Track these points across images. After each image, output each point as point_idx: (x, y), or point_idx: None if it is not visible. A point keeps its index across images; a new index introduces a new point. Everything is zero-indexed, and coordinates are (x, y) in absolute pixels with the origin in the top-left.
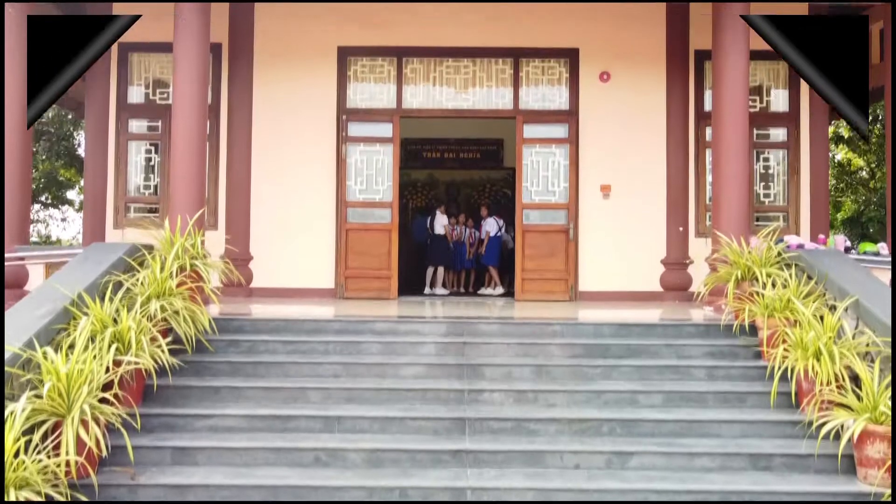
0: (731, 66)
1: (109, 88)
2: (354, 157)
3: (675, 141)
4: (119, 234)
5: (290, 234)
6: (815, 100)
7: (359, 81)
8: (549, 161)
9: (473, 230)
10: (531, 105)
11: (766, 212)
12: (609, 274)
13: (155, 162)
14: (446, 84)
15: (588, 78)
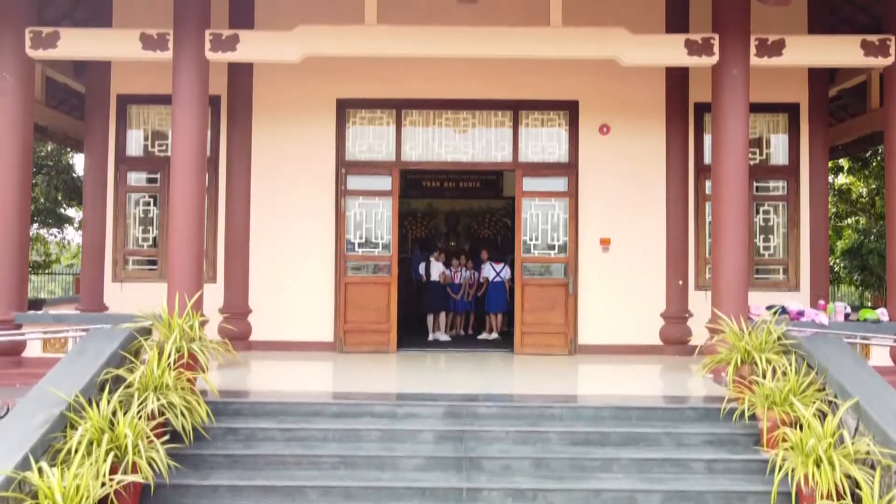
0: (731, 127)
1: (108, 140)
2: (354, 210)
3: (675, 193)
4: (118, 287)
5: (289, 287)
6: (815, 153)
7: (358, 133)
8: (549, 214)
9: (473, 272)
10: (531, 157)
11: (765, 265)
12: (609, 327)
13: (153, 214)
14: (446, 136)
15: (588, 130)
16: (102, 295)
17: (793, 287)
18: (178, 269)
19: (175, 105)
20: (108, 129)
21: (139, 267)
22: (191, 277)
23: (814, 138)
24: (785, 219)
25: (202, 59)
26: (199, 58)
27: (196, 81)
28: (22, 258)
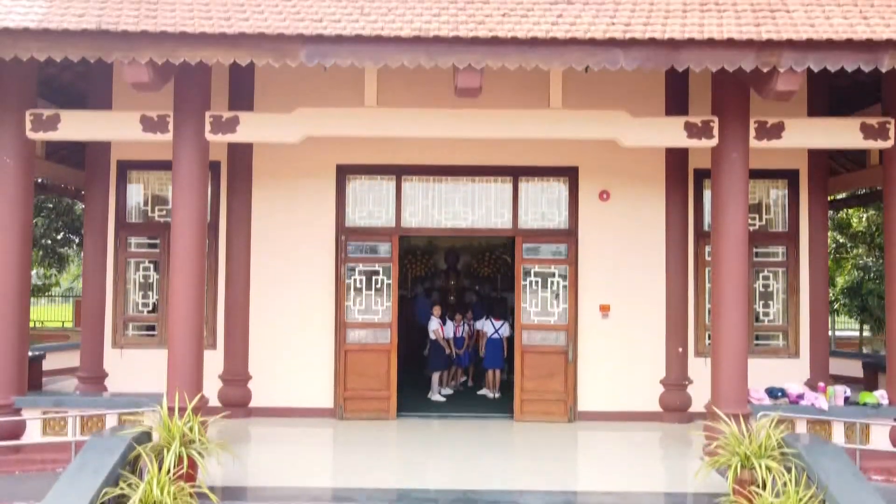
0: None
1: (108, 206)
2: (354, 277)
3: (675, 259)
4: (117, 354)
5: (289, 354)
6: (815, 219)
7: (358, 199)
8: (549, 281)
9: (473, 325)
10: (530, 224)
11: (765, 331)
12: (608, 393)
13: (153, 279)
14: (445, 203)
15: (588, 196)
16: (102, 361)
17: (792, 354)
18: (178, 338)
19: (175, 185)
20: (108, 194)
21: (139, 332)
22: (191, 346)
23: (813, 205)
24: (785, 285)
25: (202, 140)
26: (199, 139)
27: (196, 163)
28: (21, 341)
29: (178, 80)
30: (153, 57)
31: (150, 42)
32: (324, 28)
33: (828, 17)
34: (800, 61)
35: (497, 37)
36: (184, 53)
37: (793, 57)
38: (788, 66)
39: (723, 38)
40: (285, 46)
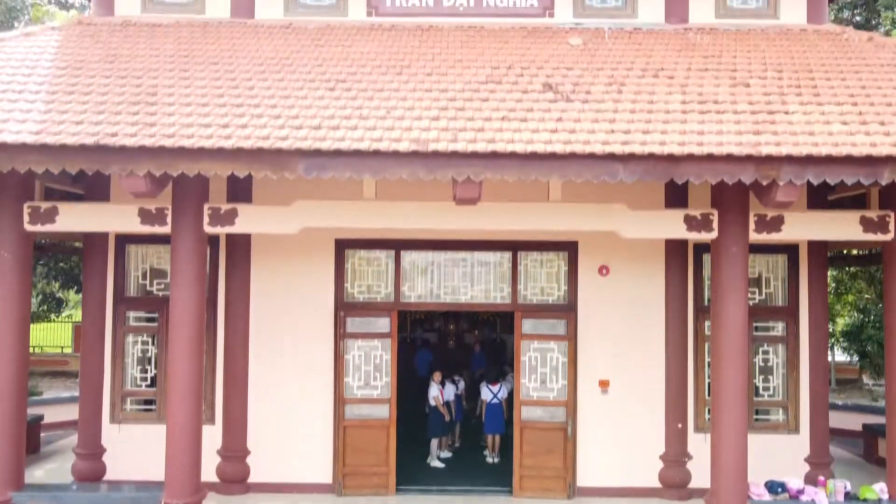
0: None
1: (107, 281)
2: (352, 353)
3: (675, 334)
4: (116, 429)
5: (288, 429)
6: (815, 294)
7: (357, 274)
8: (548, 357)
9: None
10: (529, 298)
11: (765, 406)
12: (607, 469)
13: (152, 353)
14: (444, 277)
15: (587, 271)
16: (100, 436)
17: (792, 429)
18: (176, 415)
19: (173, 277)
20: (106, 268)
21: (137, 407)
22: (189, 423)
23: (813, 280)
24: (784, 359)
25: (201, 232)
26: (197, 231)
27: (194, 254)
28: (18, 435)
29: (176, 178)
30: (151, 169)
31: (149, 156)
32: (321, 141)
33: (827, 121)
34: (799, 175)
35: (496, 151)
36: (182, 166)
37: (792, 171)
38: (788, 179)
39: (722, 153)
40: (283, 160)
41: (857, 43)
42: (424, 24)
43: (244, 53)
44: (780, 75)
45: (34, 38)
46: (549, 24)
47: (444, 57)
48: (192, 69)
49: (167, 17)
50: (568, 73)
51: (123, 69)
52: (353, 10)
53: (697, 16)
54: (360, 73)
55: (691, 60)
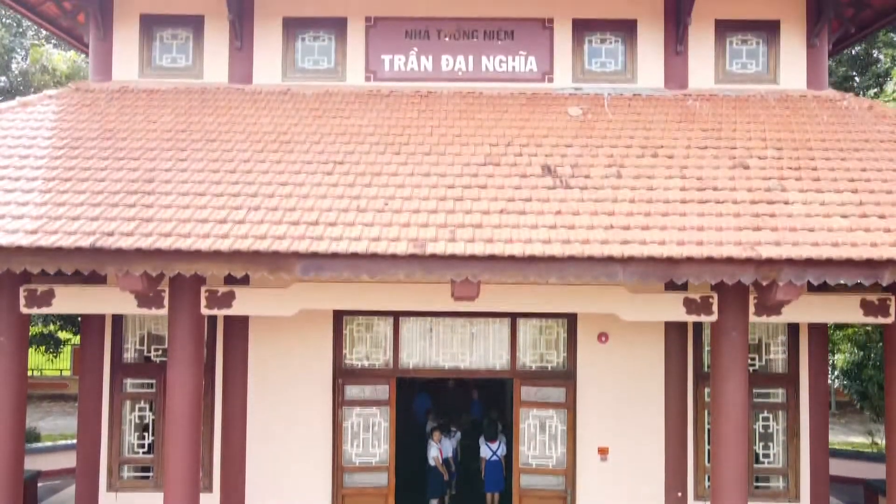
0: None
1: (104, 347)
2: (351, 420)
3: (674, 402)
4: (113, 497)
5: (286, 497)
6: (815, 362)
7: (355, 341)
8: (547, 424)
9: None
10: (528, 365)
11: (765, 473)
12: None
13: (150, 420)
14: (443, 344)
15: (586, 338)
16: None
17: (792, 497)
18: (173, 484)
19: (170, 355)
20: (103, 336)
21: (134, 474)
22: (186, 491)
23: (813, 347)
24: (784, 426)
25: (198, 315)
26: (194, 314)
27: (191, 336)
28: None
29: None
30: (147, 270)
31: (145, 258)
32: (318, 241)
33: (827, 213)
34: (799, 276)
35: (494, 255)
36: (179, 267)
37: (793, 272)
38: (788, 280)
39: (722, 256)
40: (280, 262)
41: (857, 112)
42: (423, 90)
43: (242, 128)
44: (780, 154)
45: (32, 109)
46: (548, 89)
47: (442, 131)
48: (189, 148)
49: (165, 81)
50: (567, 152)
51: (121, 148)
52: (350, 74)
53: (697, 80)
54: (358, 151)
55: (690, 134)
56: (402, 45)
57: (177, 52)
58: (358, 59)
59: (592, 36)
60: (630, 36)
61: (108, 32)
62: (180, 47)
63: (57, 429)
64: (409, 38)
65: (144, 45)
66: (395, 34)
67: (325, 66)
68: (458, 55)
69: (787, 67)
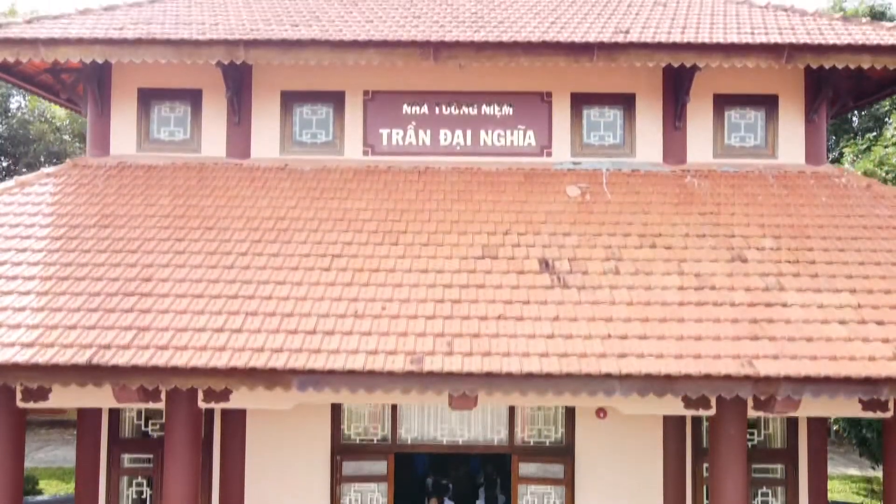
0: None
1: (101, 421)
2: (349, 497)
3: (672, 478)
4: None
5: None
6: (814, 439)
7: (353, 416)
8: (545, 499)
9: None
10: (527, 440)
11: None
12: None
13: (147, 496)
14: (441, 419)
15: (584, 414)
16: None
17: None
18: None
19: (167, 447)
20: (100, 409)
21: None
22: None
23: (812, 423)
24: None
25: (195, 408)
26: (191, 407)
27: (188, 429)
28: None
29: None
30: (144, 384)
31: (142, 374)
32: (316, 354)
33: (825, 319)
34: (797, 391)
35: (491, 372)
36: (175, 382)
37: (790, 388)
38: (786, 395)
39: (720, 374)
40: (277, 378)
41: (854, 191)
42: (421, 166)
43: (240, 212)
44: (778, 243)
45: (29, 191)
46: (546, 164)
47: (440, 216)
48: (187, 238)
49: (163, 156)
50: (565, 242)
51: (119, 238)
52: (348, 148)
53: (696, 154)
54: (356, 242)
55: (689, 219)
56: (400, 119)
57: (175, 126)
58: (356, 132)
59: (591, 110)
60: (629, 110)
61: (105, 107)
62: (178, 120)
63: (56, 460)
64: (408, 112)
65: (142, 119)
66: (394, 108)
67: (323, 139)
68: (456, 129)
69: (786, 142)
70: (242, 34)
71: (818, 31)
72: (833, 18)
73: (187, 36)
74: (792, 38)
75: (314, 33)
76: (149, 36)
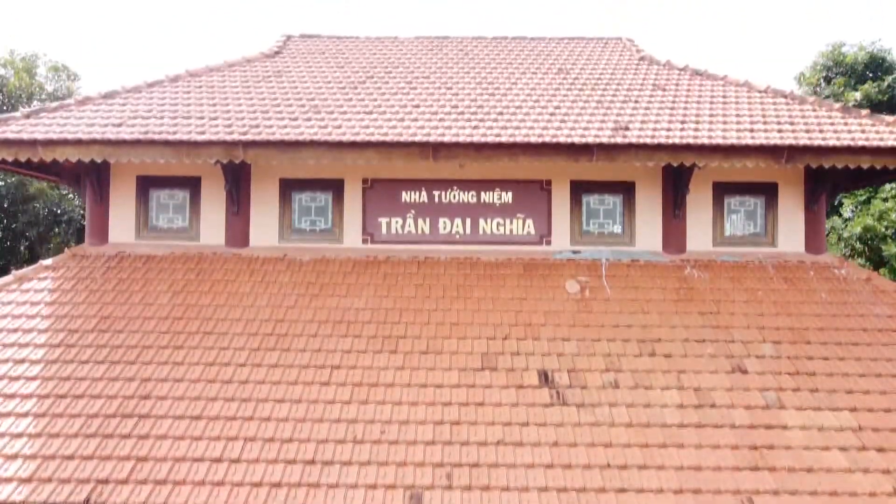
0: None
1: None
2: None
3: None
4: None
5: None
6: None
7: None
8: None
9: None
10: None
11: None
12: None
13: None
14: None
15: None
16: None
17: None
18: None
19: None
20: None
21: None
22: None
23: None
24: None
25: None
26: None
27: None
28: None
29: None
30: None
31: None
32: (315, 491)
33: (826, 446)
34: None
35: None
36: None
37: None
38: None
39: None
40: None
41: (854, 285)
42: (420, 256)
43: (239, 312)
44: (778, 351)
45: (28, 286)
46: (546, 253)
47: (439, 316)
48: (186, 345)
49: (162, 244)
50: (564, 349)
51: (117, 346)
52: (347, 237)
53: (695, 243)
54: (355, 350)
55: (688, 321)
56: (399, 207)
57: (173, 213)
58: (355, 220)
59: (591, 197)
60: (628, 198)
61: (104, 195)
62: (177, 208)
63: None
64: (407, 199)
65: (141, 207)
66: (393, 196)
67: (322, 226)
68: (455, 217)
69: (786, 230)
70: (241, 133)
71: (817, 125)
72: (832, 108)
73: (185, 137)
74: (791, 138)
75: (313, 131)
76: (147, 137)
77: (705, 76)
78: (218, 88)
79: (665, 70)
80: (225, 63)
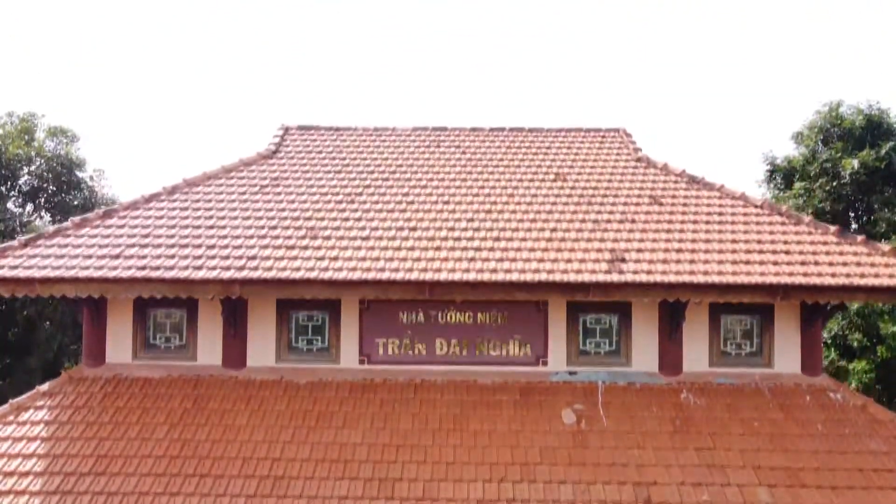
0: None
1: None
2: None
3: None
4: None
5: None
6: None
7: None
8: None
9: None
10: None
11: None
12: None
13: None
14: None
15: None
16: None
17: None
18: None
19: None
20: None
21: None
22: None
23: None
24: None
25: None
26: None
27: None
28: None
29: None
30: None
31: None
32: None
33: None
34: None
35: None
36: None
37: None
38: None
39: None
40: None
41: (850, 413)
42: (417, 378)
43: (235, 449)
44: (773, 497)
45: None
46: (542, 374)
47: (435, 454)
48: (182, 492)
49: (159, 364)
50: (560, 496)
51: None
52: (344, 357)
53: (691, 363)
54: (351, 496)
55: (684, 458)
56: (396, 328)
57: (170, 332)
58: (352, 341)
59: (587, 317)
60: (624, 319)
61: (101, 317)
62: (174, 327)
63: None
64: (403, 320)
65: (138, 327)
66: (390, 317)
67: (318, 346)
68: (451, 338)
69: (782, 351)
70: (237, 269)
71: (812, 252)
72: (827, 232)
73: (182, 275)
74: (787, 274)
75: (310, 265)
76: (144, 275)
77: (702, 185)
78: (216, 204)
79: (662, 176)
80: (222, 168)
